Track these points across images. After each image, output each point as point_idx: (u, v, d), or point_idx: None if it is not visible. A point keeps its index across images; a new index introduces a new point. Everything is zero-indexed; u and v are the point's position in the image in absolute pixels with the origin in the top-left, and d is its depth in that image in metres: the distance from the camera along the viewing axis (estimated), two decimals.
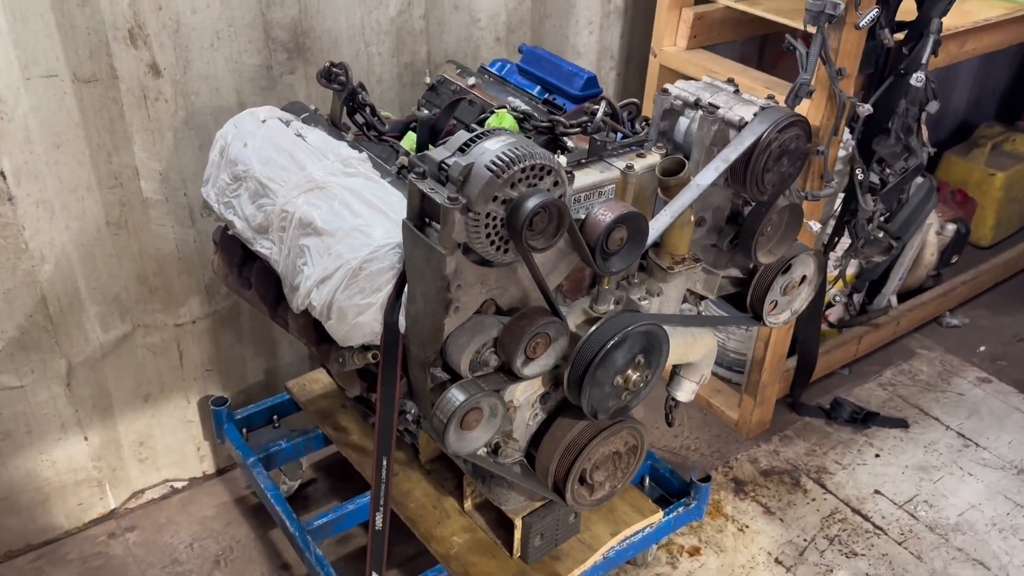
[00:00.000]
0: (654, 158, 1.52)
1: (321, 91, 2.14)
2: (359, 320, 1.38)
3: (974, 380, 2.90)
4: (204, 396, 2.29)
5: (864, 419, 2.67)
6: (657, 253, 1.60)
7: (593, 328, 1.48)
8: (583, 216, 1.36)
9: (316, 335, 1.51)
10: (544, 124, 1.71)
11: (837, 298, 2.36)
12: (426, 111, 1.75)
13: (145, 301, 2.10)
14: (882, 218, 2.24)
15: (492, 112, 1.77)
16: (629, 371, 1.51)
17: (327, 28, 2.09)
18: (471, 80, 1.98)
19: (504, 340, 1.35)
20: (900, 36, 2.13)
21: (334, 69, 1.72)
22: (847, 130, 2.15)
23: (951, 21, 2.35)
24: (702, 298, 1.81)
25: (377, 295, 1.37)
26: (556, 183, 1.28)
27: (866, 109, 2.03)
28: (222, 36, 1.95)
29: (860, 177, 2.12)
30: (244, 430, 2.25)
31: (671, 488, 2.15)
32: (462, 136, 1.27)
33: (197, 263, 2.11)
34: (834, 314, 2.92)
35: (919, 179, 2.88)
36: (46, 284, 1.94)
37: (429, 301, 1.30)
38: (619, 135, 1.68)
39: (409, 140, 1.81)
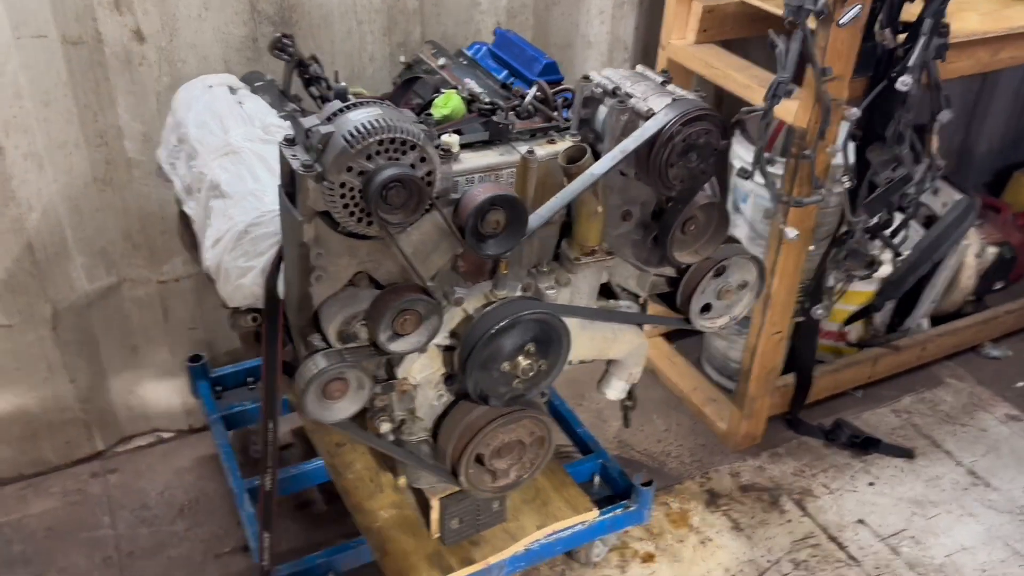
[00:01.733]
0: (564, 145, 1.49)
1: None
2: (240, 282, 1.41)
3: (1002, 416, 2.69)
4: (189, 353, 2.39)
5: (864, 444, 2.53)
6: (568, 243, 1.57)
7: (482, 311, 1.46)
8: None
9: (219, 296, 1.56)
10: (486, 106, 1.70)
11: (819, 312, 2.24)
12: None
13: (130, 256, 2.21)
14: (868, 231, 2.11)
15: (442, 92, 1.76)
16: (519, 358, 1.48)
17: (317, 3, 2.14)
18: (442, 61, 1.98)
19: (371, 313, 1.35)
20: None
21: (284, 39, 1.76)
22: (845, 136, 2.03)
23: (984, 26, 2.19)
24: (639, 297, 1.76)
25: (259, 259, 1.40)
26: (423, 159, 1.27)
27: (852, 113, 1.92)
28: (210, 7, 2.03)
29: (847, 185, 2.00)
30: (219, 388, 2.33)
31: (618, 489, 2.10)
32: (334, 105, 1.28)
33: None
34: (854, 333, 2.77)
35: (956, 196, 2.71)
36: (32, 232, 2.07)
37: (294, 267, 1.33)
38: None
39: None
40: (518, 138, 1.50)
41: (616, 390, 1.81)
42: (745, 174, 2.09)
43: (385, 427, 1.61)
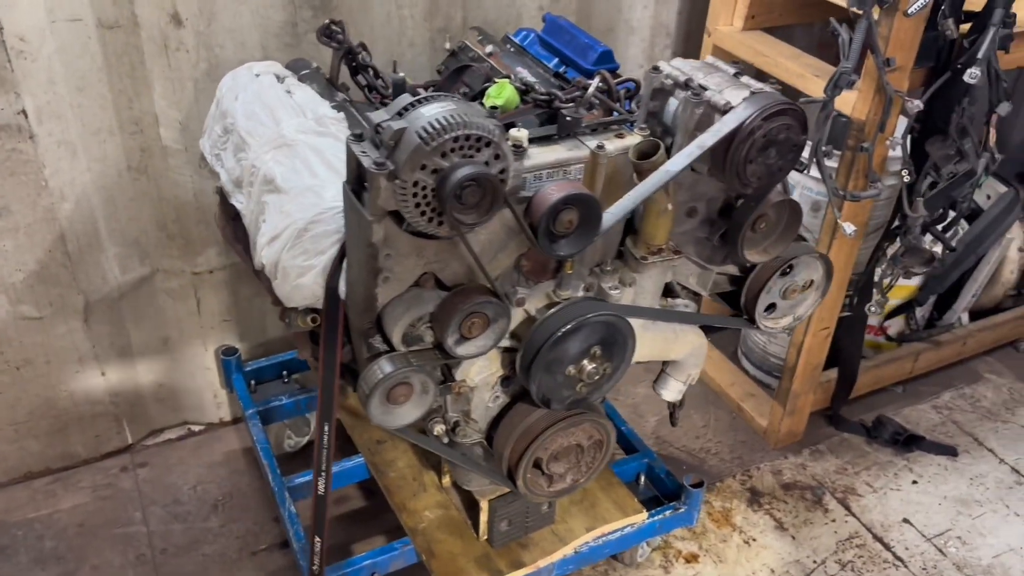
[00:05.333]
0: (634, 140, 1.43)
1: None
2: (300, 282, 1.36)
3: None
4: (221, 345, 2.34)
5: (907, 441, 2.48)
6: (634, 241, 1.51)
7: (548, 313, 1.41)
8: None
9: (274, 294, 1.50)
10: (543, 97, 1.63)
11: (872, 309, 2.19)
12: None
13: (164, 247, 2.15)
14: (934, 227, 2.05)
15: (494, 81, 1.70)
16: (584, 362, 1.43)
17: None
18: (489, 48, 1.92)
19: (438, 316, 1.30)
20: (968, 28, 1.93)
21: (332, 26, 1.69)
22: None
23: None
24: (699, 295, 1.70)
25: (320, 258, 1.35)
26: (497, 156, 1.21)
27: (915, 105, 1.85)
28: None
29: (907, 180, 1.94)
30: (253, 382, 2.28)
31: (665, 490, 2.05)
32: (404, 99, 1.22)
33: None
34: (894, 327, 2.72)
35: (1001, 189, 2.65)
36: (65, 222, 2.01)
37: (360, 268, 1.27)
38: (616, 114, 1.59)
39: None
40: (584, 132, 1.43)
41: (673, 391, 1.76)
42: (801, 167, 2.03)
43: (439, 429, 1.56)
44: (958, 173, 1.90)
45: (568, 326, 1.38)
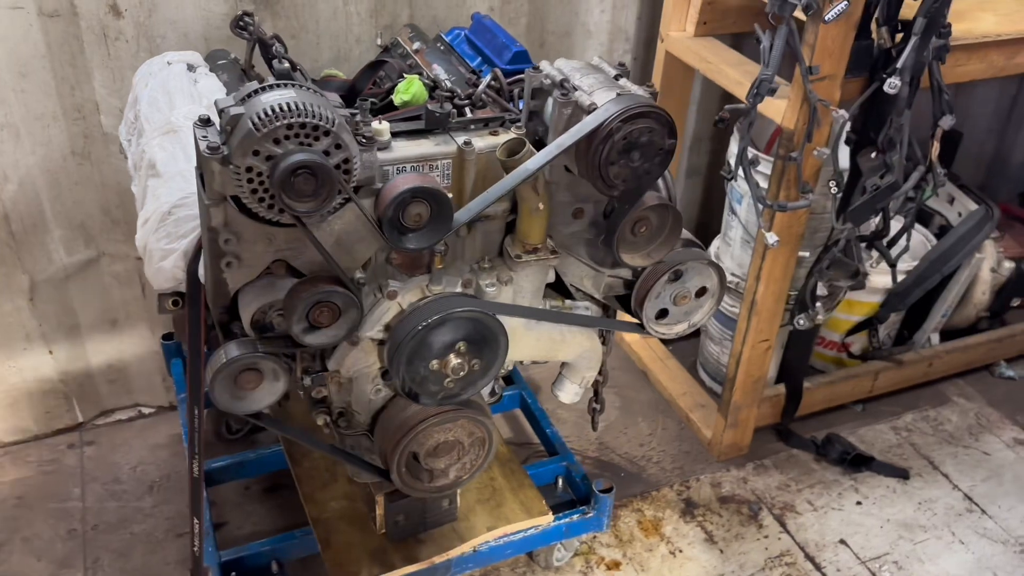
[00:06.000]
0: (506, 137, 1.43)
1: (292, 46, 2.17)
2: (162, 265, 1.39)
3: (1009, 440, 2.56)
4: (166, 331, 2.39)
5: (855, 461, 2.42)
6: (512, 240, 1.51)
7: (411, 307, 1.42)
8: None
9: None
10: (445, 94, 1.64)
11: (800, 322, 2.13)
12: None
13: (108, 231, 2.21)
14: (876, 241, 2.00)
15: (403, 77, 1.72)
16: (450, 357, 1.43)
17: None
18: (417, 45, 1.93)
19: (285, 304, 1.31)
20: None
21: (245, 18, 1.72)
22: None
23: (1000, 28, 2.07)
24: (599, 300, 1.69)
25: (182, 241, 1.38)
26: (338, 146, 1.22)
27: (840, 115, 1.81)
28: None
29: (833, 191, 1.89)
30: None
31: (579, 494, 2.04)
32: (250, 86, 1.24)
33: None
34: (856, 344, 2.65)
35: (973, 206, 2.57)
36: (8, 203, 2.08)
37: (206, 252, 1.29)
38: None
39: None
40: (458, 128, 1.44)
41: (569, 393, 1.75)
42: (728, 174, 2.01)
43: (321, 420, 1.57)
44: (881, 187, 1.84)
45: (430, 320, 1.38)
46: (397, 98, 1.66)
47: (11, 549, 2.13)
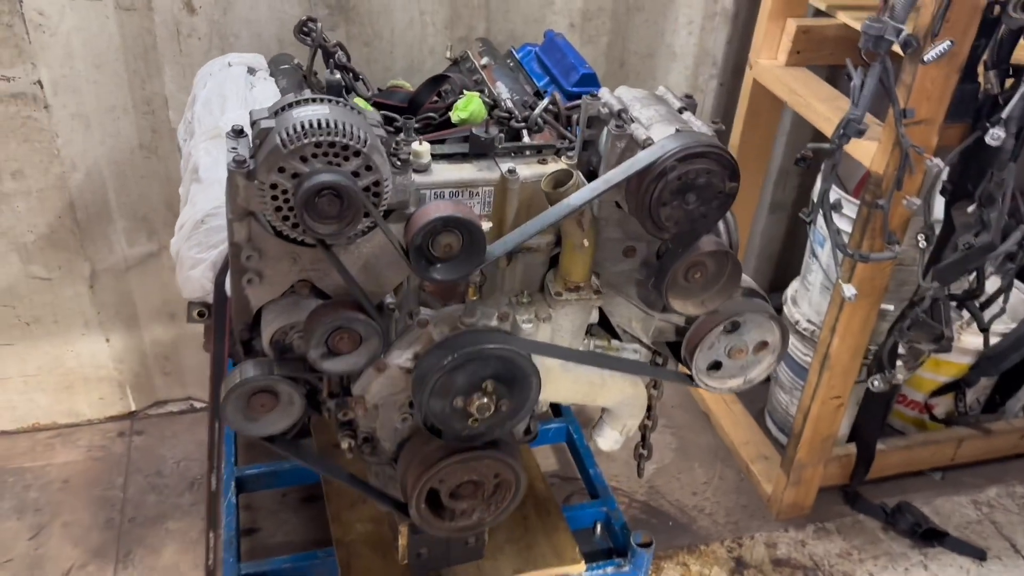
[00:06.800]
0: (557, 167, 1.34)
1: (365, 54, 2.13)
2: (191, 274, 1.35)
3: None
4: None
5: (927, 534, 2.23)
6: (553, 276, 1.41)
7: (440, 340, 1.34)
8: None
9: None
10: (503, 114, 1.57)
11: (875, 383, 1.96)
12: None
13: (171, 226, 2.17)
14: (954, 299, 1.82)
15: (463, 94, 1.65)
16: (475, 396, 1.35)
17: None
18: (485, 60, 1.86)
19: (305, 326, 1.25)
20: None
21: (308, 23, 1.68)
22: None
23: None
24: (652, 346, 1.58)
25: (211, 252, 1.33)
26: (368, 168, 1.15)
27: (934, 165, 1.65)
28: None
29: (922, 245, 1.73)
30: None
31: (618, 543, 1.92)
32: (286, 99, 1.18)
33: None
34: (941, 406, 2.45)
35: None
36: (75, 191, 2.10)
37: (230, 267, 1.24)
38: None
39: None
40: (504, 153, 1.35)
41: (608, 440, 1.64)
42: (808, 216, 1.86)
43: (345, 443, 1.51)
44: (974, 245, 1.67)
45: (454, 355, 1.30)
46: (455, 115, 1.60)
47: (50, 532, 2.15)
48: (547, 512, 1.90)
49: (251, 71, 1.69)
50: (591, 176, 1.38)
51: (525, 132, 1.51)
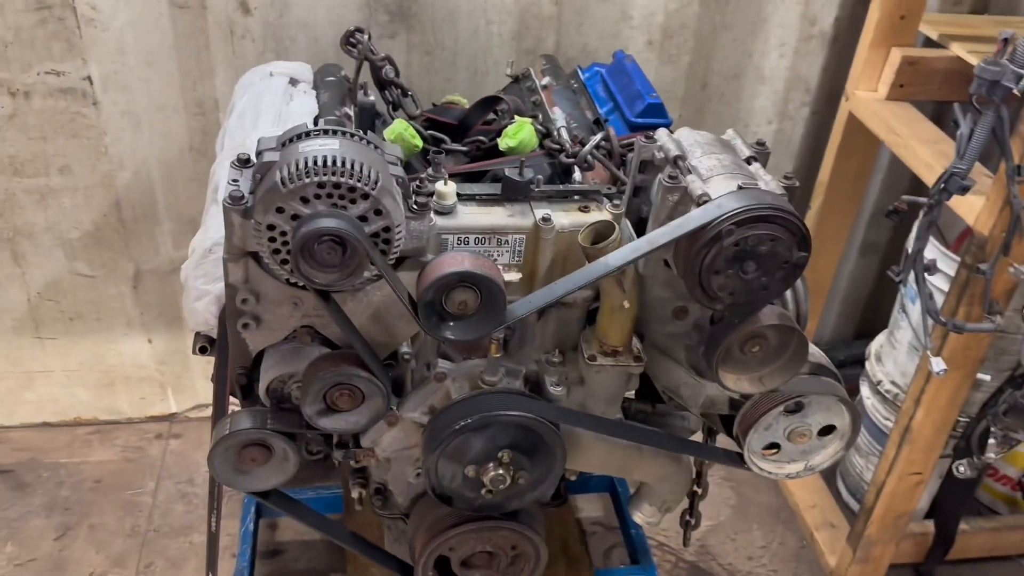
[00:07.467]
0: (600, 216, 1.18)
1: (426, 63, 2.01)
2: (195, 305, 1.25)
3: None
4: None
5: None
6: (588, 336, 1.26)
7: (454, 401, 1.20)
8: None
9: None
10: (554, 146, 1.42)
11: (961, 469, 1.74)
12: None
13: None
14: None
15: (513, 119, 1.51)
16: (489, 465, 1.21)
17: None
18: (546, 80, 1.72)
19: (303, 378, 1.13)
20: None
21: (356, 33, 1.56)
22: None
23: None
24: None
25: (217, 284, 1.23)
26: (378, 212, 1.02)
27: None
28: None
29: None
30: None
31: None
32: (298, 128, 1.06)
33: None
34: None
35: None
36: (122, 190, 2.04)
37: (226, 309, 1.13)
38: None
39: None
40: (542, 197, 1.20)
41: (644, 514, 1.48)
42: (897, 275, 1.65)
43: (356, 492, 1.40)
44: None
45: (467, 420, 1.16)
46: (503, 142, 1.46)
47: (76, 535, 2.11)
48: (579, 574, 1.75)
49: (293, 82, 1.58)
50: (640, 226, 1.22)
51: (574, 169, 1.36)
